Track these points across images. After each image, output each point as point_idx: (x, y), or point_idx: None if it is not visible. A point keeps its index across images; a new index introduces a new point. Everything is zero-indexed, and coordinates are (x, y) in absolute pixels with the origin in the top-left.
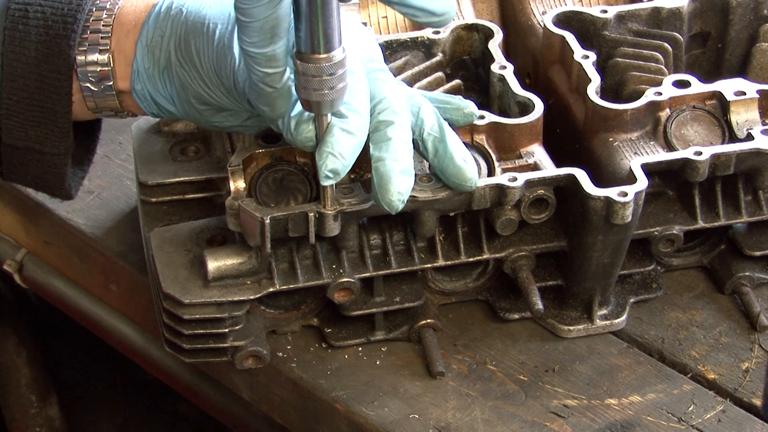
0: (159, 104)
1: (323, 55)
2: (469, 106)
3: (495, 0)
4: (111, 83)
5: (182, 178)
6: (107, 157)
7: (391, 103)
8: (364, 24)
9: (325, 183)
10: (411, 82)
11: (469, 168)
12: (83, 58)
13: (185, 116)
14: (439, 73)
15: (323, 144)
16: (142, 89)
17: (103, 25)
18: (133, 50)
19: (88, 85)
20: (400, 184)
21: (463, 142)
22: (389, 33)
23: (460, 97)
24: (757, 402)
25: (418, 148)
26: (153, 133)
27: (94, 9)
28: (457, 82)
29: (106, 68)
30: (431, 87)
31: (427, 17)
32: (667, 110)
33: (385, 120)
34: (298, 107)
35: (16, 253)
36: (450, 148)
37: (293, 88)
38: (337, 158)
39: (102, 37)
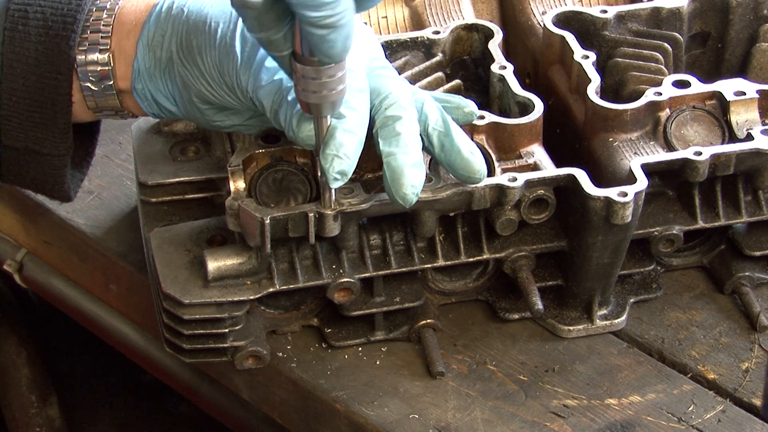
0: (160, 104)
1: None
2: (469, 105)
3: (495, 0)
4: (111, 83)
5: (182, 179)
6: (107, 157)
7: (397, 98)
8: (365, 24)
9: (334, 185)
10: (411, 82)
11: (477, 160)
12: (83, 57)
13: (186, 116)
14: (439, 73)
15: (327, 147)
16: (143, 88)
17: (103, 25)
18: (133, 50)
19: (89, 84)
20: (413, 177)
21: None
22: (389, 33)
23: (460, 96)
24: (757, 402)
25: (423, 143)
26: (153, 133)
27: (94, 9)
28: (457, 82)
29: (107, 68)
30: (431, 87)
31: None
32: (667, 110)
33: (392, 115)
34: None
35: (16, 253)
36: (456, 141)
37: None
38: (343, 159)
39: (102, 37)
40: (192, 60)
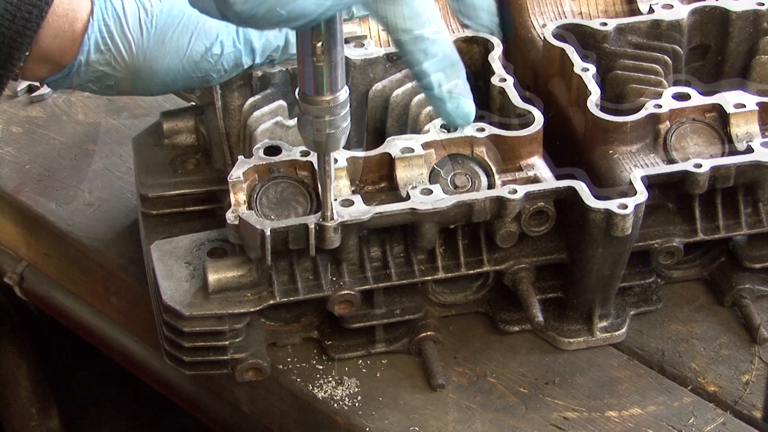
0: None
1: (328, 97)
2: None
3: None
4: None
5: (183, 191)
6: (108, 170)
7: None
8: (364, 36)
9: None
10: (411, 94)
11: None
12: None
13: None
14: None
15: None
16: (58, 85)
17: None
18: (65, 61)
19: None
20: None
21: (463, 156)
22: (390, 46)
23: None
24: (758, 415)
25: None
26: (153, 146)
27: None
28: None
29: None
30: None
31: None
32: (667, 122)
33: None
34: None
35: (17, 265)
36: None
37: None
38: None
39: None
40: (155, 80)
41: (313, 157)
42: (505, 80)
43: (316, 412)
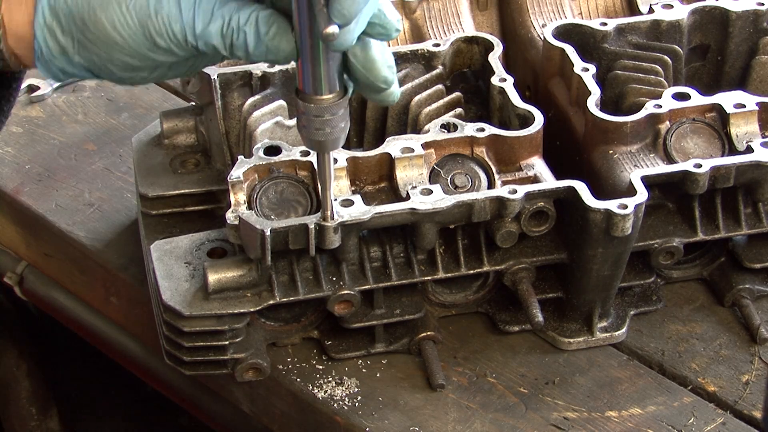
0: (71, 74)
1: (326, 96)
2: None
3: (495, 13)
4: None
5: (183, 191)
6: (108, 169)
7: None
8: None
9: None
10: (411, 94)
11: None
12: None
13: (107, 79)
14: (440, 86)
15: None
16: (47, 66)
17: None
18: (28, 31)
19: None
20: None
21: (463, 156)
22: (389, 45)
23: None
24: (758, 414)
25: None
26: (153, 146)
27: None
28: (457, 94)
29: None
30: (431, 100)
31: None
32: (667, 123)
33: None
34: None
35: (17, 265)
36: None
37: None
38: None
39: None
40: (106, 38)
41: (313, 157)
42: (505, 80)
43: (316, 412)
